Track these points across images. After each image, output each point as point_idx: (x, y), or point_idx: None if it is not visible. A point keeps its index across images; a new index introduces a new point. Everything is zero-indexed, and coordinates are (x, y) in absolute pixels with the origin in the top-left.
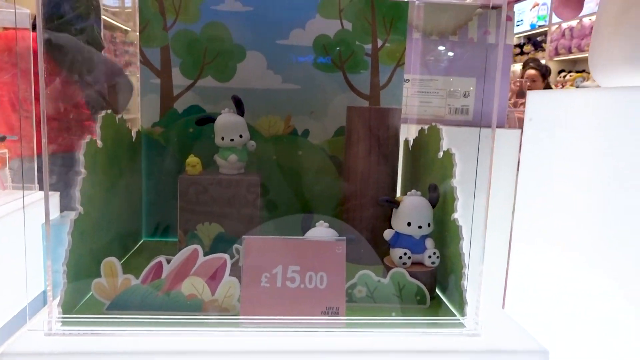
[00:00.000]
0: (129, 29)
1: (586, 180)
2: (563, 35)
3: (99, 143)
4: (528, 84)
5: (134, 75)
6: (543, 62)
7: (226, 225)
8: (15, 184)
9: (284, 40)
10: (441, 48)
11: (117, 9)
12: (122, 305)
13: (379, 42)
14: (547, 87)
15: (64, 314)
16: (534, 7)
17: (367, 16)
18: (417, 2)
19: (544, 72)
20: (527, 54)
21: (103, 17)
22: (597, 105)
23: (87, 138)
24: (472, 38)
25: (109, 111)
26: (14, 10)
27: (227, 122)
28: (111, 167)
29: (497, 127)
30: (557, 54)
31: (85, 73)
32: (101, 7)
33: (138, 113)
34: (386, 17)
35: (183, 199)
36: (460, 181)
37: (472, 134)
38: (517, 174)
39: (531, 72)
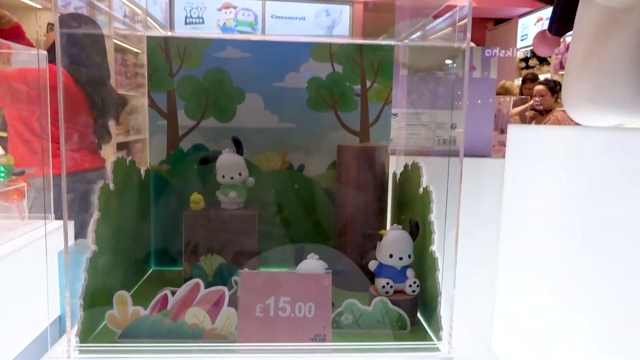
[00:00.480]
0: (140, 51)
1: (564, 213)
2: (567, 49)
3: (112, 186)
4: (537, 99)
5: (144, 96)
6: (548, 76)
7: (227, 256)
8: (32, 213)
9: (280, 82)
10: (428, 83)
11: (128, 32)
12: (133, 333)
13: (368, 83)
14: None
15: (80, 342)
16: (538, 21)
17: (356, 59)
18: (401, 45)
19: (553, 87)
20: (533, 67)
21: (114, 40)
22: (570, 142)
23: (101, 182)
24: (457, 74)
25: (121, 155)
26: (30, 52)
27: (228, 161)
28: (123, 206)
29: (483, 156)
30: (562, 67)
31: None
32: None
33: (147, 150)
34: (374, 60)
35: (187, 233)
36: (438, 215)
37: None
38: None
39: (539, 87)
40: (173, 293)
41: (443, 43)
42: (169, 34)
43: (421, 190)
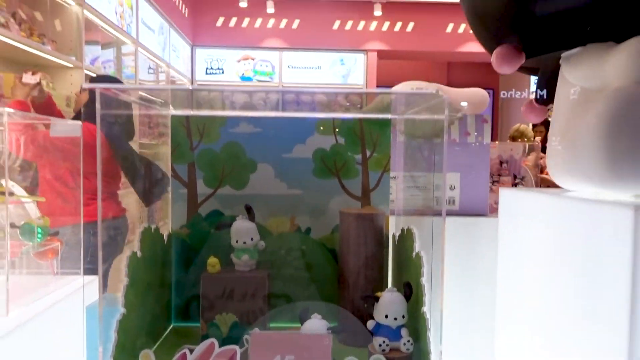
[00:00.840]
0: (163, 101)
1: (552, 271)
2: None
3: (139, 254)
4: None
5: (166, 144)
6: None
7: (240, 315)
8: (62, 269)
9: (288, 154)
10: (423, 151)
11: (152, 83)
12: None
13: (368, 153)
14: None
15: None
16: None
17: (357, 132)
18: (397, 118)
19: None
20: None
21: (139, 93)
22: (553, 208)
23: (129, 252)
24: (454, 139)
25: (146, 225)
26: (67, 122)
27: (241, 228)
28: (148, 271)
29: (480, 215)
30: None
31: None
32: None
33: (169, 218)
34: (372, 132)
35: (204, 294)
36: (430, 278)
37: (460, 223)
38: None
39: None
40: (191, 351)
41: (432, 117)
42: (191, 112)
43: (414, 254)
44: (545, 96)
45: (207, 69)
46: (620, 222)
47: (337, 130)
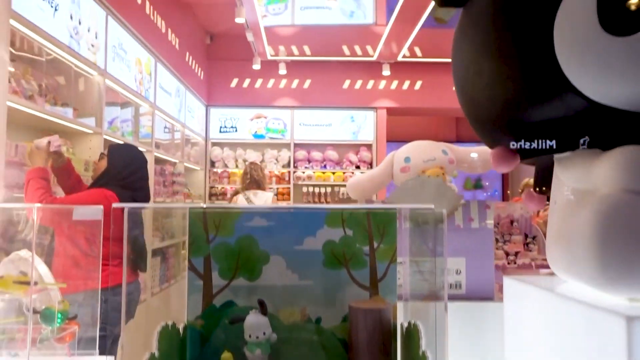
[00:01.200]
0: (177, 161)
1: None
2: None
3: (157, 354)
4: None
5: (180, 202)
6: None
7: None
8: (79, 350)
9: (299, 246)
10: (427, 241)
11: (167, 142)
12: None
13: (375, 244)
14: None
15: None
16: None
17: (364, 224)
18: (402, 209)
19: None
20: None
21: (155, 154)
22: (554, 305)
23: (148, 354)
24: (458, 225)
25: (164, 323)
26: (91, 207)
27: (254, 323)
28: None
29: (486, 299)
30: None
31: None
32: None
33: (184, 310)
34: (379, 224)
35: None
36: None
37: (467, 308)
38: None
39: None
40: None
41: (432, 211)
42: (204, 205)
43: (420, 352)
44: (543, 187)
45: (220, 127)
46: (614, 330)
47: (345, 223)
